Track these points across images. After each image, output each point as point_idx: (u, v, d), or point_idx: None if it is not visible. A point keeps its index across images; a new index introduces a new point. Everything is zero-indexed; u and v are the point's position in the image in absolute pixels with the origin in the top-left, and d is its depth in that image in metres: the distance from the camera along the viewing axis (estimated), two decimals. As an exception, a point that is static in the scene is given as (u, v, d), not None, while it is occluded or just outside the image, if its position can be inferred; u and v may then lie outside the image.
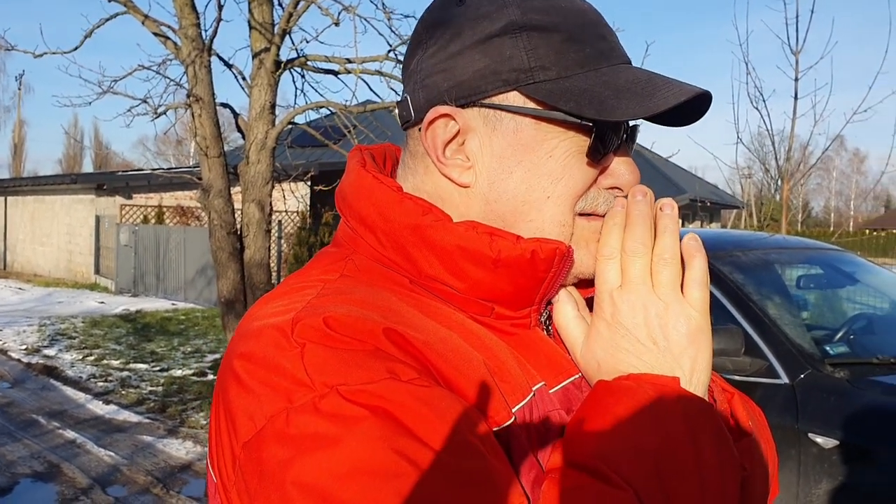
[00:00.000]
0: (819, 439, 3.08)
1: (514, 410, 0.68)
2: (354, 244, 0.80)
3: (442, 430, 0.60)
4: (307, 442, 0.59)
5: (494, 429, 0.66)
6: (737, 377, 3.40)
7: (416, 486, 0.57)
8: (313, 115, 8.14)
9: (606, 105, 0.71)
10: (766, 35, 7.30)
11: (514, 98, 0.74)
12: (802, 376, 3.24)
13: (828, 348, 3.52)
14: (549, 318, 0.80)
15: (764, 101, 7.45)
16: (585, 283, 0.79)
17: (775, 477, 0.87)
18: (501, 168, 0.75)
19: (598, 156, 0.75)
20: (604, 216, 0.76)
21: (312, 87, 11.52)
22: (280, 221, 16.20)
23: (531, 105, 0.74)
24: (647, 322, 0.70)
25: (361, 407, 0.60)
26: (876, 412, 3.05)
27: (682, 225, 21.69)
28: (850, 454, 3.00)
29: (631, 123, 0.78)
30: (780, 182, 7.57)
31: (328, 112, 6.72)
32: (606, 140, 0.75)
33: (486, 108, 0.75)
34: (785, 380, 3.27)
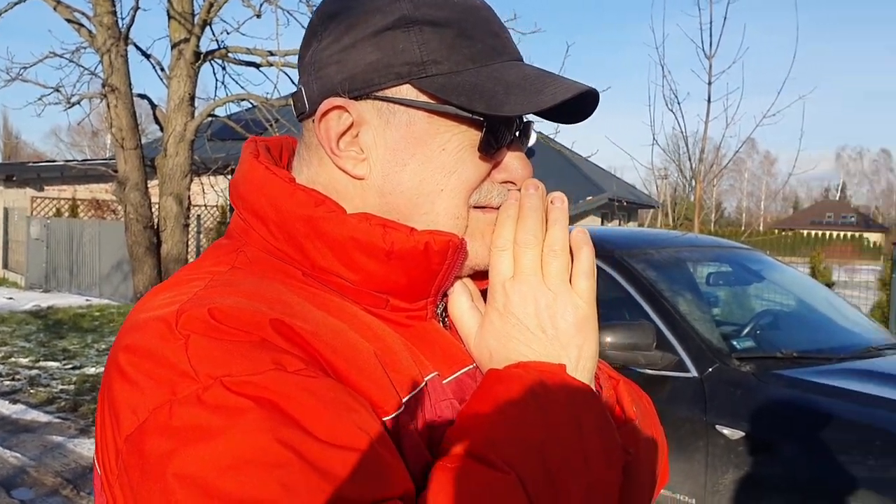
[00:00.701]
0: (726, 431, 3.20)
1: (404, 400, 0.69)
2: (247, 236, 0.79)
3: (328, 420, 0.60)
4: (190, 434, 0.58)
5: (384, 418, 0.66)
6: (648, 371, 3.50)
7: (300, 475, 0.57)
8: (234, 108, 8.02)
9: (496, 100, 0.72)
10: (682, 39, 7.53)
11: (406, 91, 0.75)
12: (711, 370, 3.36)
13: (735, 343, 3.65)
14: (446, 309, 0.81)
15: (679, 103, 7.67)
16: (481, 275, 0.81)
17: (665, 463, 0.90)
18: (395, 160, 0.76)
19: (489, 150, 0.76)
20: (498, 209, 0.78)
21: (233, 80, 11.21)
22: (199, 216, 15.85)
23: (424, 98, 0.75)
24: (536, 311, 0.72)
25: (246, 398, 0.59)
26: (779, 405, 3.18)
27: (601, 223, 22.16)
28: (755, 445, 3.13)
29: (525, 119, 0.80)
30: (693, 183, 7.81)
31: (249, 105, 6.61)
32: (498, 134, 0.76)
33: (379, 101, 0.75)
34: (694, 373, 3.38)
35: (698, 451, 3.26)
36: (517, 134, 0.79)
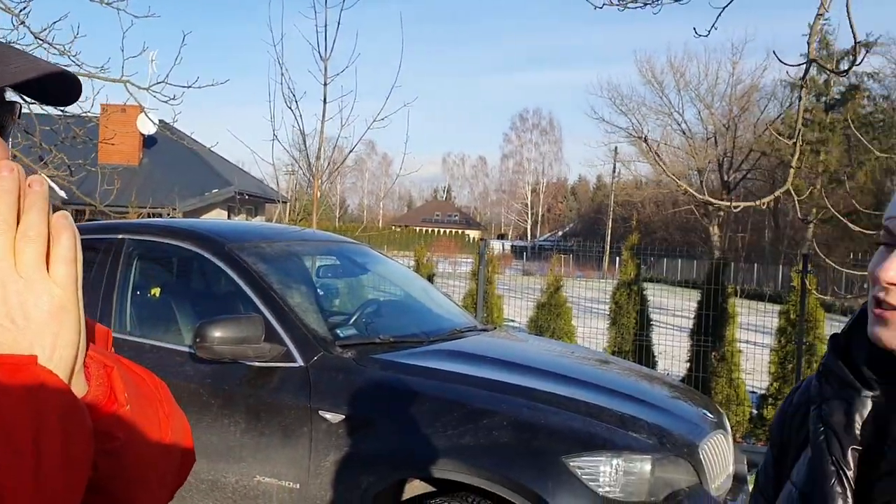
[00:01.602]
0: (328, 415, 3.38)
1: None
2: None
3: None
4: None
5: None
6: (258, 363, 3.56)
7: None
8: None
9: None
10: (300, 40, 7.71)
11: None
12: (316, 358, 3.52)
13: (339, 332, 3.87)
14: None
15: (297, 101, 7.86)
16: None
17: (188, 444, 0.91)
18: None
19: None
20: None
21: None
22: None
23: None
24: (5, 300, 0.69)
25: None
26: (375, 386, 3.45)
27: (227, 217, 21.76)
28: (355, 425, 3.36)
29: (9, 98, 0.77)
30: (311, 179, 8.07)
31: None
32: None
33: None
34: (300, 363, 3.52)
35: (303, 437, 3.40)
36: None
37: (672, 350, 8.53)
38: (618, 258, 9.92)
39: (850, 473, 0.94)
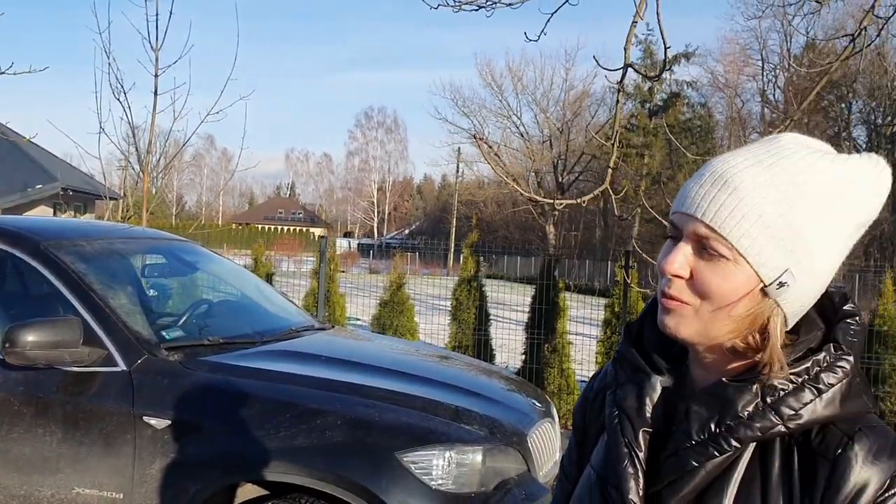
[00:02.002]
0: (153, 421, 3.22)
1: None
2: None
3: None
4: None
5: None
6: (76, 368, 3.35)
7: None
8: None
9: None
10: (129, 28, 7.33)
11: None
12: (139, 362, 3.34)
13: (165, 334, 3.70)
14: None
15: (125, 93, 7.46)
16: None
17: None
18: None
19: None
20: None
21: None
22: None
23: None
24: None
25: None
26: (203, 389, 3.33)
27: (53, 214, 20.30)
28: (182, 430, 3.22)
29: None
30: (142, 174, 7.68)
31: None
32: None
33: None
34: (123, 367, 3.33)
35: (126, 445, 3.23)
36: None
37: (510, 343, 8.82)
38: (462, 256, 10.13)
39: (641, 455, 0.98)
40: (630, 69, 3.28)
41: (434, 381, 3.77)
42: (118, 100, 7.50)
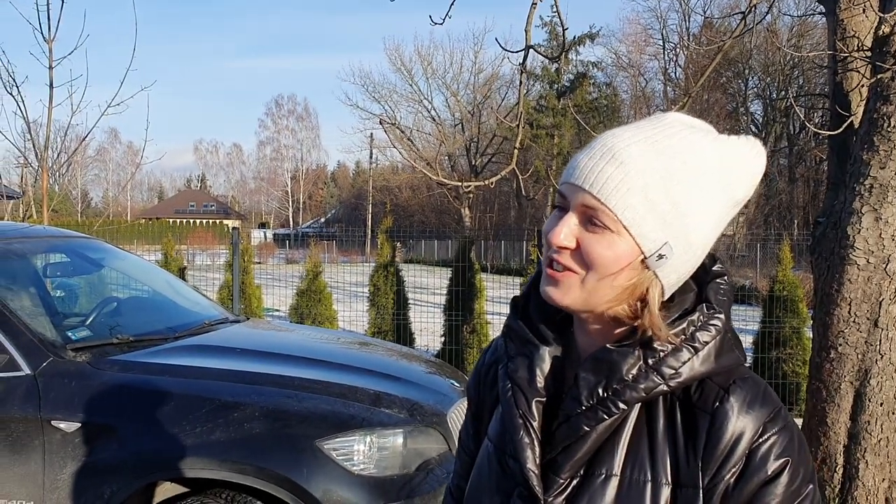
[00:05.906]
0: (62, 425, 3.12)
1: None
2: None
3: None
4: None
5: None
6: (-24, 376, 3.21)
7: None
8: None
9: None
10: (19, 19, 6.98)
11: None
12: (45, 365, 3.23)
13: (71, 334, 3.58)
14: None
15: (17, 86, 7.11)
16: None
17: None
18: None
19: None
20: None
21: None
22: None
23: None
24: None
25: None
26: (114, 389, 3.24)
27: (-58, 217, 19.25)
28: (94, 432, 3.13)
29: None
30: (40, 171, 7.36)
31: None
32: None
33: None
34: (27, 371, 3.22)
35: (35, 451, 3.12)
36: None
37: (430, 326, 8.88)
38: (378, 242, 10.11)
39: (535, 424, 1.02)
40: (532, 51, 3.34)
41: (353, 367, 3.77)
42: (10, 94, 7.15)
